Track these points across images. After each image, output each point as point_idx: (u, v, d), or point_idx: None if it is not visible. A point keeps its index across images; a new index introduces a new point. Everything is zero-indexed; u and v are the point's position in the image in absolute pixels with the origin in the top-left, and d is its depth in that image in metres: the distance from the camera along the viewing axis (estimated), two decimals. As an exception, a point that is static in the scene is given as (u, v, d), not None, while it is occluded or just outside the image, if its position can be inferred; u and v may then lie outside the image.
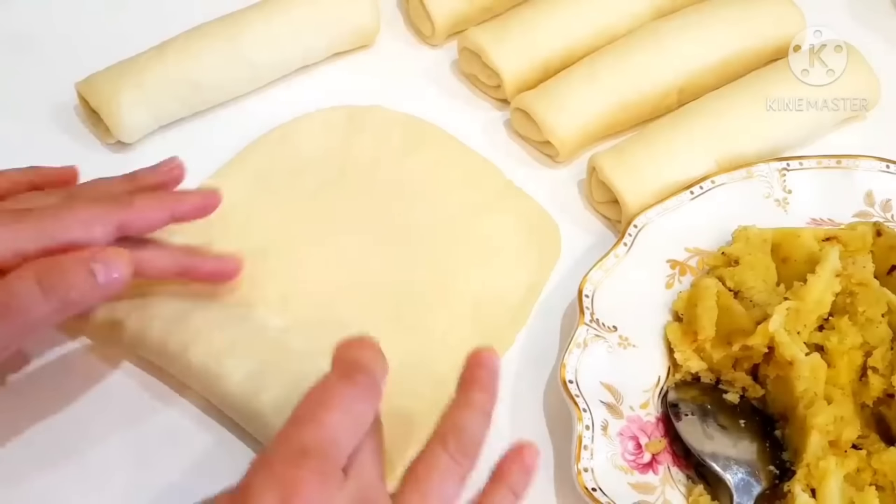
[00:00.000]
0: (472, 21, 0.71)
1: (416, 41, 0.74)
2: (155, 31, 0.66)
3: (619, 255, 0.59)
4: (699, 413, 0.55)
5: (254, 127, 0.66)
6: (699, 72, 0.68)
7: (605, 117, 0.67)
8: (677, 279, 0.60)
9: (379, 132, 0.67)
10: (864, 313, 0.55)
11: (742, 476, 0.52)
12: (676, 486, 0.53)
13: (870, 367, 0.54)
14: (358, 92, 0.69)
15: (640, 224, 0.60)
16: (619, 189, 0.62)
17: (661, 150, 0.64)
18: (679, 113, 0.67)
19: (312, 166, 0.64)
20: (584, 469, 0.51)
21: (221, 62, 0.65)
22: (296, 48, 0.68)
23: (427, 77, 0.72)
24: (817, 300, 0.55)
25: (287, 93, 0.69)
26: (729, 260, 0.59)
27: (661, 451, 0.54)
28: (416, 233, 0.62)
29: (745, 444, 0.53)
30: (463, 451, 0.43)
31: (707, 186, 0.62)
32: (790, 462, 0.53)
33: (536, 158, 0.68)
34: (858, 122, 0.71)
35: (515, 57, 0.68)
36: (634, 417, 0.54)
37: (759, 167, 0.64)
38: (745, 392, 0.56)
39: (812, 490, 0.50)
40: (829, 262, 0.56)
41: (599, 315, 0.57)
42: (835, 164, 0.64)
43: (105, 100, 0.62)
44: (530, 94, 0.66)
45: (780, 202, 0.63)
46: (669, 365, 0.57)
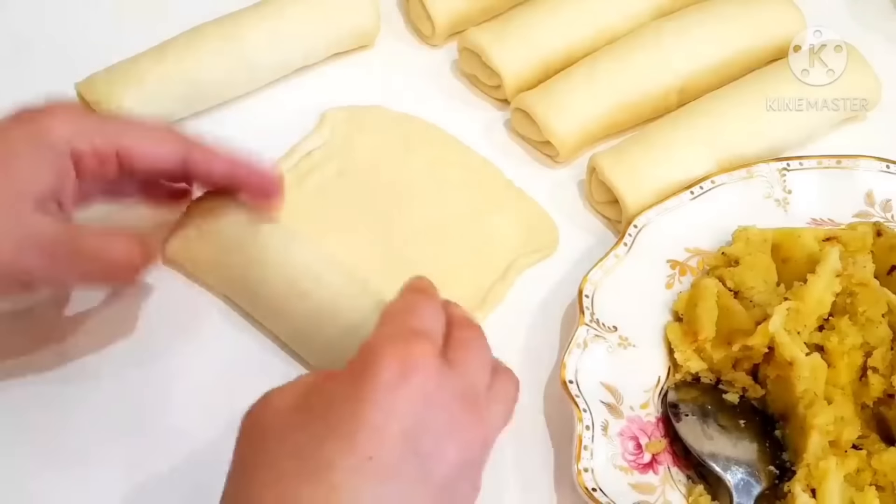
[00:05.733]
0: (473, 21, 0.71)
1: (416, 41, 0.74)
2: (155, 31, 0.66)
3: (619, 255, 0.59)
4: (699, 413, 0.55)
5: (254, 127, 0.66)
6: (699, 72, 0.68)
7: (605, 117, 0.67)
8: (677, 279, 0.60)
9: (379, 132, 0.67)
10: (864, 313, 0.55)
11: (742, 476, 0.52)
12: (676, 486, 0.53)
13: (870, 367, 0.54)
14: (358, 92, 0.69)
15: (640, 224, 0.60)
16: (619, 189, 0.62)
17: (661, 150, 0.64)
18: (679, 113, 0.67)
19: (312, 166, 0.64)
20: (584, 469, 0.51)
21: (222, 62, 0.65)
22: (296, 48, 0.68)
23: (427, 77, 0.71)
24: (817, 300, 0.55)
25: (287, 93, 0.69)
26: (729, 260, 0.59)
27: (661, 451, 0.54)
28: (415, 233, 0.62)
29: (745, 445, 0.53)
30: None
31: (707, 186, 0.62)
32: (790, 462, 0.53)
33: (536, 158, 0.68)
34: (858, 122, 0.71)
35: (515, 57, 0.68)
36: (634, 417, 0.54)
37: (759, 167, 0.64)
38: (745, 392, 0.56)
39: (812, 490, 0.50)
40: (830, 263, 0.56)
41: (599, 315, 0.57)
42: (835, 164, 0.64)
43: (105, 100, 0.62)
44: (530, 94, 0.66)
45: (780, 202, 0.63)
46: (669, 365, 0.57)
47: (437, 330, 0.45)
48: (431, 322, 0.45)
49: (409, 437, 0.40)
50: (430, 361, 0.42)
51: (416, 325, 0.44)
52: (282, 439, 0.40)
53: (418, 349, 0.42)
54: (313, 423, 0.40)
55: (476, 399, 0.43)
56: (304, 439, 0.40)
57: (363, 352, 0.42)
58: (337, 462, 0.39)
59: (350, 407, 0.40)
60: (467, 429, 0.42)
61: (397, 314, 0.45)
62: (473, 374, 0.44)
